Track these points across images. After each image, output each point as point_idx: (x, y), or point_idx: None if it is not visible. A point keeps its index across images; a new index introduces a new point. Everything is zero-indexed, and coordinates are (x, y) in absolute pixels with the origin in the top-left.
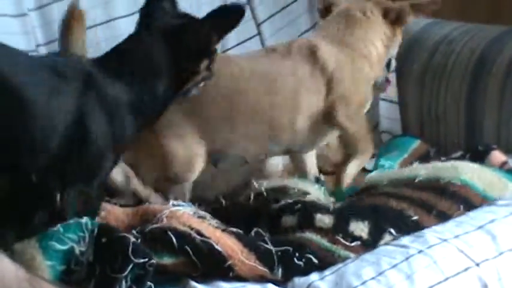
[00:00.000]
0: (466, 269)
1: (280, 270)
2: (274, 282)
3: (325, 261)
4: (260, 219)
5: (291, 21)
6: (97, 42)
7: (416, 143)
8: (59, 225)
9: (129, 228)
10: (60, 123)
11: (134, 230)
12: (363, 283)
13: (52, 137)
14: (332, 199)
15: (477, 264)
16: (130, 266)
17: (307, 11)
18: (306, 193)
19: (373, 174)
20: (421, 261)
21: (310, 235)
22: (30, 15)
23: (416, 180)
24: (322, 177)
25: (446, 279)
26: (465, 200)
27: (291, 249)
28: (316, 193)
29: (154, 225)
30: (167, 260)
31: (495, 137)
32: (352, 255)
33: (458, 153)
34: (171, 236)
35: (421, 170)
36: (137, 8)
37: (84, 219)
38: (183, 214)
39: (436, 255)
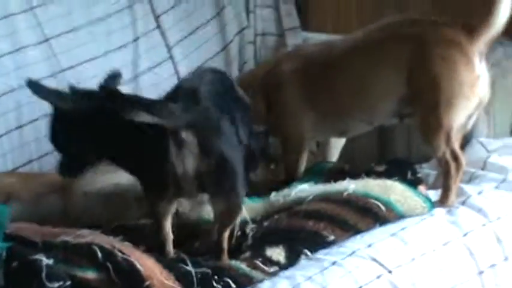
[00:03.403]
0: (378, 277)
1: None
2: None
3: (243, 286)
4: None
5: (201, 45)
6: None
7: (331, 164)
8: None
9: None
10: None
11: (59, 239)
12: None
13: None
14: (256, 204)
15: (390, 271)
16: None
17: (217, 34)
18: None
19: (303, 187)
20: (335, 272)
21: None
22: None
23: (345, 194)
24: None
25: (360, 287)
26: (385, 221)
27: (210, 271)
28: None
29: (80, 239)
30: (91, 275)
31: (406, 147)
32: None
33: (382, 167)
34: (97, 250)
35: (351, 185)
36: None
37: None
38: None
39: (349, 265)
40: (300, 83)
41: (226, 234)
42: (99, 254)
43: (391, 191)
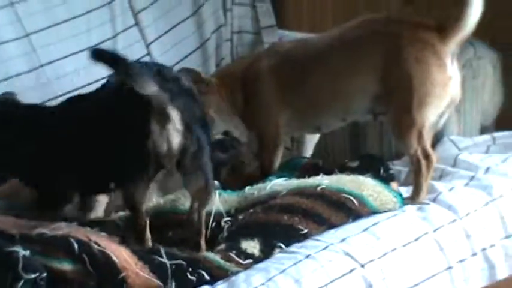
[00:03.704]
0: (351, 271)
1: (173, 284)
2: None
3: (218, 278)
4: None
5: (179, 42)
6: None
7: (305, 160)
8: None
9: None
10: None
11: (36, 232)
12: None
13: None
14: (231, 197)
15: (362, 266)
16: (21, 283)
17: (195, 32)
18: None
19: (277, 181)
20: (309, 265)
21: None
22: None
23: (318, 189)
24: (216, 183)
25: (333, 281)
26: (357, 216)
27: (184, 263)
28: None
29: (57, 232)
30: (67, 267)
31: (378, 145)
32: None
33: (355, 163)
34: (73, 242)
35: (324, 180)
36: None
37: None
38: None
39: (323, 259)
40: (277, 80)
41: (204, 215)
42: (75, 246)
43: (364, 186)
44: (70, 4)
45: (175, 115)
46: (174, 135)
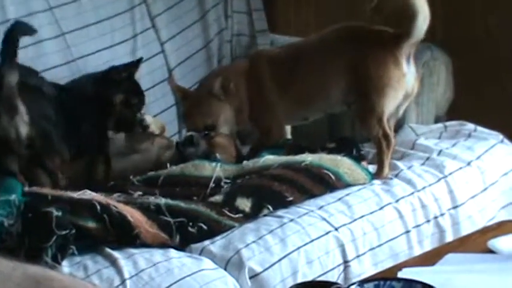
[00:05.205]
0: (327, 233)
1: (178, 237)
2: (175, 248)
3: (214, 229)
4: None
5: (188, 42)
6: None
7: (290, 141)
8: None
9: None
10: None
11: (65, 195)
12: (246, 246)
13: None
14: (230, 168)
15: (336, 229)
16: (54, 238)
17: (200, 34)
18: (199, 177)
19: (269, 157)
20: (292, 227)
21: (201, 208)
22: None
23: (302, 164)
24: (218, 156)
25: (312, 241)
26: (334, 188)
27: (185, 220)
28: (212, 171)
29: (83, 196)
30: (91, 224)
31: (351, 130)
32: (235, 224)
33: (332, 144)
34: (96, 204)
35: (309, 157)
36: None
37: (13, 197)
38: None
39: (304, 222)
40: (274, 81)
41: None
42: (98, 208)
43: (340, 164)
44: (98, 10)
45: (22, 109)
46: (21, 125)
